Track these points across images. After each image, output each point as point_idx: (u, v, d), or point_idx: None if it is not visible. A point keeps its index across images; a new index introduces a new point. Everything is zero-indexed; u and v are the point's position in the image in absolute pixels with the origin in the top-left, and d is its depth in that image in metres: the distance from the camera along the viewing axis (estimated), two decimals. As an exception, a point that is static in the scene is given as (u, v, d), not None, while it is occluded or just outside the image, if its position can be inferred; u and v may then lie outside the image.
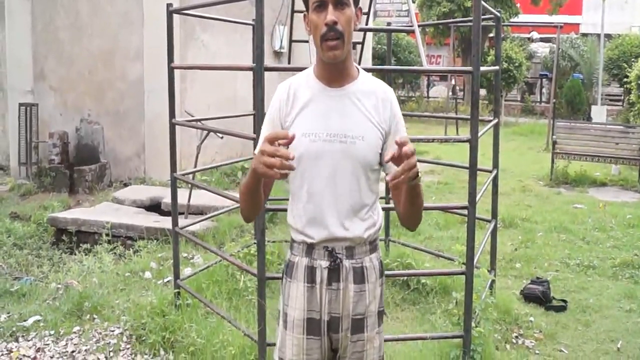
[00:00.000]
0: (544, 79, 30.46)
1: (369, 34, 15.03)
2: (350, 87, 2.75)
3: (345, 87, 2.75)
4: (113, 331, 5.66)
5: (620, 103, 27.86)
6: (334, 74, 2.73)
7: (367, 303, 2.82)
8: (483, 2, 4.94)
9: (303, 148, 2.69)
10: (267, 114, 2.69)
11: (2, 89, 13.73)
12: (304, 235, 2.80)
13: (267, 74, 4.55)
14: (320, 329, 2.82)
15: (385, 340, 5.08)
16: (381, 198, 7.70)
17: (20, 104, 12.38)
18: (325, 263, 2.77)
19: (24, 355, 5.27)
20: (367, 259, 2.83)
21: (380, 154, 2.77)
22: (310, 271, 2.80)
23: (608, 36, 25.94)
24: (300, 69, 3.00)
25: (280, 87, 2.83)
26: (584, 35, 31.75)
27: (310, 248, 2.80)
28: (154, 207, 10.14)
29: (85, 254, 8.15)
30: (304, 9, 2.73)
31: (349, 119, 2.72)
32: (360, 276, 2.80)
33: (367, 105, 2.74)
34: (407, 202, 2.67)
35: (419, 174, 2.43)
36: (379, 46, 25.55)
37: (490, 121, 6.12)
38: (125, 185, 11.78)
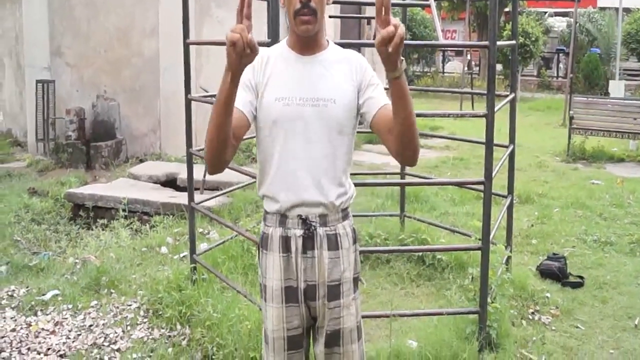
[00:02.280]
0: (560, 54, 30.23)
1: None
2: (322, 54, 2.87)
3: (316, 54, 2.86)
4: (130, 305, 5.70)
5: (638, 78, 27.63)
6: (306, 44, 2.85)
7: (341, 269, 2.90)
8: (500, -24, 4.90)
9: (276, 112, 2.77)
10: (240, 81, 2.65)
11: (20, 66, 13.76)
12: (275, 201, 2.87)
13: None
14: (298, 296, 2.90)
15: (401, 316, 5.13)
16: (396, 173, 7.73)
17: (37, 81, 12.40)
18: (299, 232, 2.85)
19: (42, 329, 5.32)
20: (340, 226, 2.90)
21: (355, 117, 2.86)
22: (285, 241, 2.87)
23: (627, 10, 25.66)
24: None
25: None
26: (602, 9, 31.41)
27: (284, 218, 2.87)
28: (169, 182, 10.17)
29: (102, 229, 8.20)
30: None
31: (321, 83, 2.81)
32: (334, 243, 2.88)
33: (338, 68, 2.84)
34: (397, 108, 2.59)
35: (403, 62, 2.44)
36: (395, 21, 25.42)
37: (506, 96, 6.09)
38: (141, 161, 11.81)
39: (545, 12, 29.78)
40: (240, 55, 2.41)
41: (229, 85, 2.51)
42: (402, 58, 2.44)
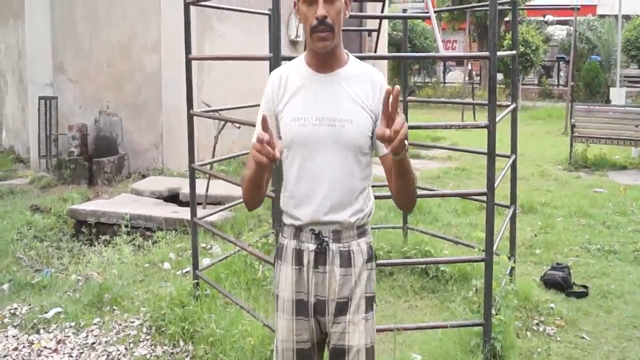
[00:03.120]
0: (561, 62, 30.28)
1: (385, 21, 14.98)
2: (340, 72, 2.83)
3: (334, 72, 2.83)
4: (133, 322, 5.68)
5: (639, 84, 27.65)
6: (323, 61, 2.81)
7: (352, 286, 2.85)
8: (499, -13, 4.90)
9: (293, 133, 2.78)
10: (261, 101, 2.78)
11: (22, 82, 13.78)
12: (292, 217, 2.89)
13: (282, 63, 4.54)
14: (308, 310, 2.89)
15: (405, 329, 5.11)
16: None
17: (40, 97, 12.41)
18: (312, 246, 2.84)
19: (45, 347, 5.30)
20: (355, 243, 2.87)
21: (371, 137, 2.81)
22: (298, 254, 2.87)
23: (626, 17, 25.71)
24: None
25: (273, 75, 2.94)
26: (601, 16, 31.52)
27: (298, 231, 2.88)
28: (172, 197, 10.16)
29: (105, 246, 8.18)
30: None
31: (338, 103, 2.78)
32: (346, 260, 2.85)
33: (356, 89, 2.80)
34: (396, 178, 2.72)
35: (406, 146, 2.47)
36: (395, 33, 25.45)
37: (507, 106, 6.08)
38: (144, 176, 11.81)
39: (545, 19, 29.81)
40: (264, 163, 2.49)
41: (256, 170, 2.66)
42: (406, 146, 2.47)
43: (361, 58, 3.07)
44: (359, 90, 2.79)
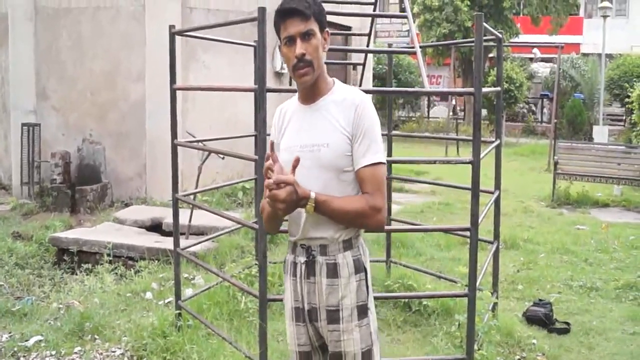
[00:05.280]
0: (545, 99, 30.53)
1: (370, 55, 15.07)
2: (322, 101, 3.11)
3: (317, 102, 3.12)
4: (114, 352, 5.64)
5: (622, 123, 27.92)
6: (308, 93, 3.12)
7: (339, 296, 3.09)
8: (484, 23, 4.95)
9: (285, 160, 2.99)
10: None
11: (5, 109, 13.74)
12: (290, 234, 3.21)
13: (268, 94, 4.57)
14: (304, 317, 3.18)
15: (387, 363, 5.09)
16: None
17: (23, 124, 12.38)
18: (303, 259, 3.13)
19: (24, 377, 5.25)
20: (341, 255, 3.10)
21: (352, 156, 3.05)
22: (294, 266, 3.18)
23: (609, 56, 26.05)
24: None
25: (276, 111, 3.30)
26: (585, 55, 31.88)
27: (294, 246, 3.19)
28: (155, 227, 10.12)
29: (87, 274, 8.13)
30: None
31: (317, 129, 3.07)
32: (332, 271, 3.09)
33: (335, 114, 3.07)
34: None
35: (309, 204, 2.90)
36: (380, 67, 25.60)
37: (491, 142, 6.12)
38: (127, 205, 11.76)
39: (533, 54, 30.15)
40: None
41: (272, 215, 3.07)
42: (310, 201, 2.90)
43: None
44: (338, 115, 3.05)
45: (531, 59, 31.02)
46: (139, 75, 12.14)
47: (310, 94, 3.11)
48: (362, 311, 3.13)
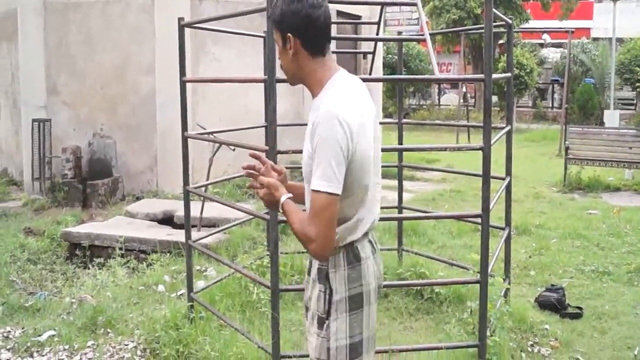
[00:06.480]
0: (555, 85, 30.39)
1: (380, 44, 15.02)
2: (312, 104, 2.93)
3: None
4: (127, 345, 5.66)
5: (633, 107, 27.78)
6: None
7: (309, 295, 3.07)
8: (494, 9, 4.93)
9: None
10: None
11: (16, 105, 13.78)
12: None
13: (278, 85, 4.56)
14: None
15: (400, 351, 5.09)
16: (393, 207, 7.72)
17: (34, 120, 12.40)
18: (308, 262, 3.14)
19: (38, 371, 5.28)
20: (315, 262, 3.01)
21: None
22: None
23: (619, 40, 25.86)
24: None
25: None
26: (595, 39, 31.67)
27: None
28: (166, 220, 10.14)
29: (99, 268, 8.16)
30: None
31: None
32: (315, 274, 3.01)
33: (309, 121, 2.86)
34: None
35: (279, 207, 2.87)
36: (389, 56, 25.53)
37: (502, 128, 6.10)
38: (138, 198, 11.79)
39: (542, 40, 29.99)
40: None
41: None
42: (280, 206, 2.86)
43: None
44: (310, 124, 2.83)
45: (541, 45, 30.82)
46: (149, 68, 12.16)
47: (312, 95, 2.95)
48: (320, 322, 2.94)
